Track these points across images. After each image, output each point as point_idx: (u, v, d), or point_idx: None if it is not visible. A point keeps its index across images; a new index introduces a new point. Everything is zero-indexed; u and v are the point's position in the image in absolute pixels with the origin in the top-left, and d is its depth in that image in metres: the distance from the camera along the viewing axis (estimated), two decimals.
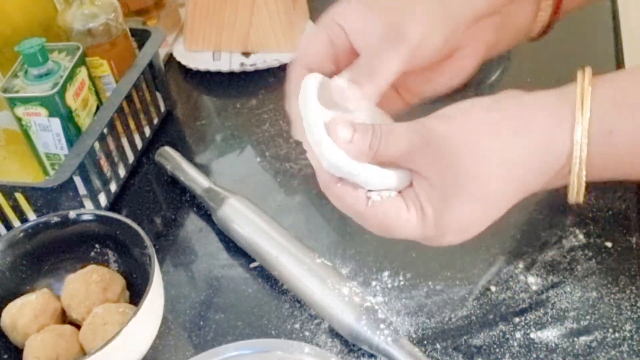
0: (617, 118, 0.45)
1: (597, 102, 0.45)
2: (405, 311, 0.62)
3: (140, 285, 0.65)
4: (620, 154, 0.46)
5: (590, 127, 0.45)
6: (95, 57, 0.79)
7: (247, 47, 0.95)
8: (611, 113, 0.45)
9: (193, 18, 0.94)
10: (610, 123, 0.45)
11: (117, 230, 0.66)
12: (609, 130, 0.45)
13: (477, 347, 0.59)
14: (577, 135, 0.45)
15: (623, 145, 0.45)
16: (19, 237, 0.66)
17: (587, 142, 0.45)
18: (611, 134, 0.45)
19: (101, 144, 0.75)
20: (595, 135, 0.45)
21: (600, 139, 0.45)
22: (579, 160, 0.46)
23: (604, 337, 0.58)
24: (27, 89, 0.72)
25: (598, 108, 0.45)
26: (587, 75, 0.46)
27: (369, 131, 0.48)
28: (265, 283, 0.67)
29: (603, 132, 0.45)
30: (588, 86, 0.45)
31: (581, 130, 0.45)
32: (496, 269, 0.64)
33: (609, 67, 0.83)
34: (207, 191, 0.74)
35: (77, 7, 0.78)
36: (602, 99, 0.45)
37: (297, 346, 0.57)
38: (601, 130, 0.45)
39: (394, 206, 0.49)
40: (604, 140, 0.45)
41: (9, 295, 0.65)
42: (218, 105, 0.91)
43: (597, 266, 0.63)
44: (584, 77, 0.46)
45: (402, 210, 0.49)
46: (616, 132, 0.45)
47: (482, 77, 0.85)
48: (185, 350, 0.63)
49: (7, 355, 0.64)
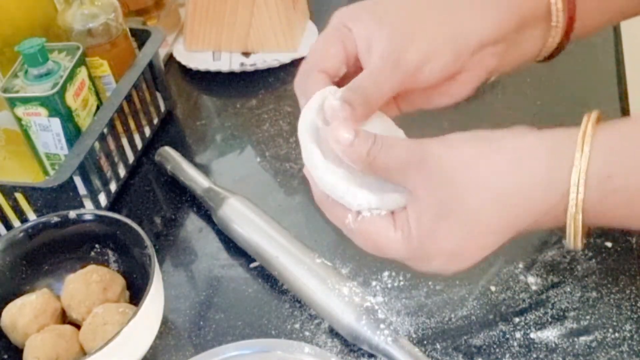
0: (617, 165, 0.44)
1: (598, 147, 0.44)
2: (405, 311, 0.62)
3: (140, 285, 0.65)
4: (618, 201, 0.45)
5: (589, 171, 0.44)
6: (95, 57, 0.79)
7: (247, 47, 0.95)
8: (611, 159, 0.44)
9: (193, 18, 0.94)
10: (610, 168, 0.44)
11: (117, 230, 0.66)
12: (608, 175, 0.44)
13: (477, 347, 0.59)
14: (575, 177, 0.44)
15: (621, 192, 0.44)
16: (19, 237, 0.66)
17: (585, 185, 0.44)
18: (610, 180, 0.44)
19: (101, 144, 0.75)
20: (593, 179, 0.44)
21: (598, 184, 0.44)
22: (575, 203, 0.45)
23: (604, 337, 0.58)
24: (27, 89, 0.72)
25: (598, 152, 0.44)
26: (592, 119, 0.45)
27: (370, 139, 0.48)
28: (265, 283, 0.67)
29: (602, 177, 0.44)
30: (591, 130, 0.45)
31: (579, 172, 0.44)
32: (496, 269, 0.64)
33: (609, 67, 0.83)
34: (207, 191, 0.74)
35: (77, 7, 0.78)
36: (604, 144, 0.44)
37: (297, 346, 0.57)
38: (599, 177, 0.44)
39: (382, 224, 0.49)
40: (602, 185, 0.44)
41: (9, 295, 0.65)
42: (218, 105, 0.91)
43: (597, 266, 0.63)
44: (588, 120, 0.45)
45: (389, 230, 0.49)
46: (615, 177, 0.44)
47: None
48: (185, 350, 0.63)
49: (7, 355, 0.64)
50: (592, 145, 0.44)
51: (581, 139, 0.44)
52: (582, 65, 0.84)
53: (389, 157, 0.48)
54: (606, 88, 0.80)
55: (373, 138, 0.48)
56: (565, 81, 0.82)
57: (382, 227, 0.49)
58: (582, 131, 0.45)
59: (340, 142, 0.48)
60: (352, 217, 0.50)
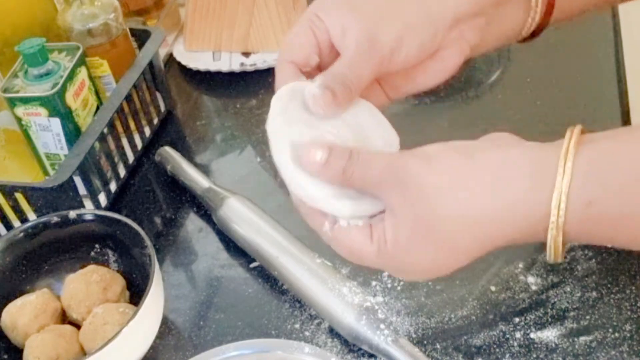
0: (599, 190, 0.43)
1: (580, 169, 0.43)
2: (405, 311, 0.62)
3: (140, 285, 0.65)
4: (599, 224, 0.44)
5: (570, 195, 0.43)
6: (95, 57, 0.79)
7: (247, 47, 0.95)
8: (592, 183, 0.43)
9: (193, 18, 0.94)
10: (591, 194, 0.43)
11: (117, 230, 0.66)
12: (588, 202, 0.43)
13: (477, 347, 0.59)
14: (555, 200, 0.43)
15: (602, 217, 0.43)
16: (19, 237, 0.66)
17: (565, 209, 0.43)
18: (590, 206, 0.43)
19: (101, 144, 0.75)
20: (574, 205, 0.43)
21: (579, 209, 0.43)
22: (555, 226, 0.44)
23: (604, 337, 0.58)
24: (27, 89, 0.72)
25: (580, 175, 0.43)
26: (575, 134, 0.44)
27: (346, 156, 0.47)
28: (265, 283, 0.67)
29: (582, 202, 0.43)
30: (573, 148, 0.43)
31: (560, 195, 0.43)
32: (496, 269, 0.64)
33: (609, 67, 0.83)
34: (207, 191, 0.74)
35: (77, 7, 0.78)
36: (586, 165, 0.43)
37: (297, 346, 0.57)
38: (580, 200, 0.43)
39: (358, 235, 0.49)
40: (582, 210, 0.43)
41: (9, 295, 0.65)
42: (218, 105, 0.91)
43: (597, 266, 0.63)
44: (571, 136, 0.44)
45: (365, 240, 0.49)
46: (595, 204, 0.43)
47: (482, 77, 0.85)
48: (185, 350, 0.63)
49: (7, 355, 0.64)
50: (574, 166, 0.43)
51: (563, 158, 0.43)
52: (582, 65, 0.84)
53: (365, 175, 0.47)
54: (606, 88, 0.80)
55: (349, 154, 0.47)
56: (565, 81, 0.82)
57: (359, 238, 0.49)
58: (564, 149, 0.44)
59: (314, 163, 0.47)
60: (329, 224, 0.50)
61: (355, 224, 0.49)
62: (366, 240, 0.49)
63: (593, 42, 0.87)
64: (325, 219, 0.50)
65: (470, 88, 0.84)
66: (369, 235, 0.49)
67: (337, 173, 0.47)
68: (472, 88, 0.84)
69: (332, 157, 0.47)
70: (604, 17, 0.89)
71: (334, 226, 0.49)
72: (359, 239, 0.49)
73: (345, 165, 0.47)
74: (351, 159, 0.47)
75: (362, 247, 0.49)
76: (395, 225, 0.47)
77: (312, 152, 0.47)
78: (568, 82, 0.82)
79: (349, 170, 0.47)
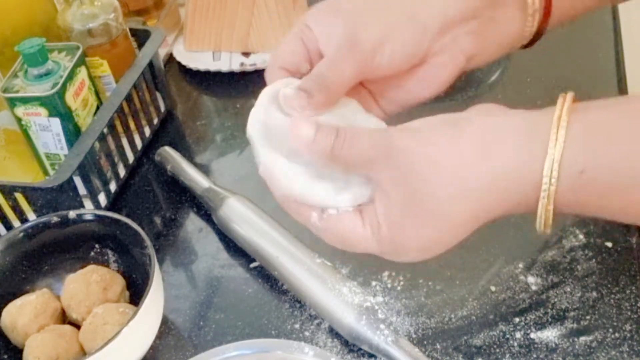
0: (590, 159, 0.43)
1: (572, 136, 0.43)
2: (405, 311, 0.62)
3: (140, 285, 0.65)
4: (591, 194, 0.44)
5: (562, 162, 0.43)
6: (95, 57, 0.79)
7: (247, 47, 0.95)
8: (585, 152, 0.43)
9: (193, 18, 0.95)
10: (583, 163, 0.43)
11: (117, 230, 0.66)
12: (580, 171, 0.43)
13: (477, 347, 0.59)
14: (547, 168, 0.43)
15: (594, 186, 0.43)
16: (19, 237, 0.66)
17: (557, 177, 0.43)
18: (582, 175, 0.43)
19: (101, 144, 0.75)
20: (566, 173, 0.43)
21: (570, 179, 0.43)
22: (547, 194, 0.43)
23: (604, 337, 0.58)
24: (27, 89, 0.72)
25: (572, 143, 0.43)
26: (567, 101, 0.44)
27: (333, 133, 0.46)
28: (265, 283, 0.67)
29: (574, 171, 0.43)
30: (566, 116, 0.43)
31: (552, 162, 0.43)
32: (496, 269, 0.64)
33: (609, 67, 0.83)
34: (207, 191, 0.74)
35: (77, 7, 0.78)
36: (577, 136, 0.43)
37: (297, 346, 0.57)
38: (572, 169, 0.43)
39: (350, 221, 0.48)
40: (574, 178, 0.43)
41: (9, 295, 0.65)
42: (218, 105, 0.91)
43: (597, 266, 0.63)
44: (564, 103, 0.44)
45: (357, 226, 0.48)
46: (587, 173, 0.43)
47: (482, 77, 0.86)
48: (185, 350, 0.63)
49: (7, 355, 0.64)
50: (567, 134, 0.42)
51: (555, 125, 0.43)
52: (582, 64, 0.84)
53: (353, 152, 0.46)
54: (606, 87, 0.80)
55: (335, 132, 0.46)
56: (565, 81, 0.82)
57: (350, 224, 0.48)
58: (556, 116, 0.43)
59: (301, 139, 0.46)
60: (317, 215, 0.49)
61: (346, 210, 0.48)
62: (357, 225, 0.48)
63: (593, 42, 0.87)
64: (312, 210, 0.49)
65: (470, 88, 0.84)
66: (361, 220, 0.48)
67: (325, 151, 0.46)
68: (472, 88, 0.84)
69: (319, 134, 0.46)
70: (604, 17, 0.89)
71: (322, 216, 0.48)
72: (351, 225, 0.48)
73: (332, 143, 0.46)
74: (338, 136, 0.46)
75: (354, 233, 0.48)
76: (386, 205, 0.46)
77: (301, 127, 0.47)
78: (568, 82, 0.82)
79: (335, 148, 0.46)
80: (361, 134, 0.47)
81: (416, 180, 0.45)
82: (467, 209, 0.46)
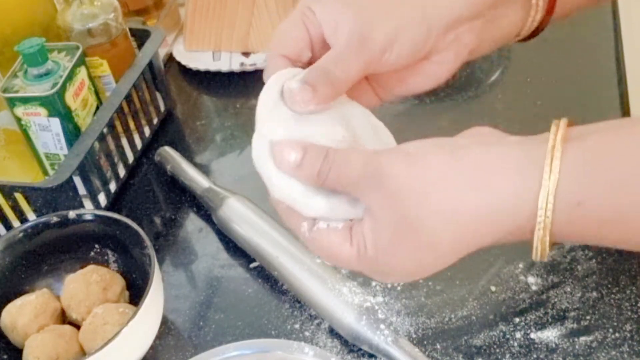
0: (587, 190, 0.41)
1: (566, 169, 0.41)
2: (405, 311, 0.62)
3: (140, 285, 0.65)
4: (587, 225, 0.42)
5: (557, 195, 0.41)
6: (95, 57, 0.79)
7: (247, 47, 0.95)
8: (580, 183, 0.41)
9: (193, 18, 0.94)
10: (579, 195, 0.41)
11: (117, 230, 0.66)
12: (577, 203, 0.41)
13: (477, 347, 0.59)
14: (542, 200, 0.41)
15: (590, 218, 0.42)
16: (19, 237, 0.66)
17: (552, 210, 0.41)
18: (578, 207, 0.41)
19: (101, 144, 0.75)
20: (561, 205, 0.41)
21: (566, 210, 0.41)
22: (542, 226, 0.42)
23: (604, 337, 0.58)
24: (27, 89, 0.72)
25: (566, 176, 0.41)
26: (561, 128, 0.42)
27: (321, 156, 0.45)
28: (265, 283, 0.67)
29: (570, 203, 0.41)
30: (560, 145, 0.41)
31: (547, 195, 0.41)
32: (496, 269, 0.64)
33: (609, 67, 0.83)
34: (207, 191, 0.74)
35: (77, 7, 0.78)
36: (572, 166, 0.41)
37: (297, 346, 0.57)
38: (568, 201, 0.41)
39: (338, 238, 0.47)
40: (570, 210, 0.41)
41: (9, 295, 0.65)
42: (218, 105, 0.91)
43: (597, 266, 0.63)
44: (557, 131, 0.42)
45: (344, 244, 0.47)
46: (584, 204, 0.41)
47: (482, 77, 0.85)
48: (185, 350, 0.63)
49: (7, 355, 0.64)
50: (562, 165, 0.41)
51: (549, 155, 0.41)
52: (582, 65, 0.84)
53: (341, 176, 0.45)
54: (606, 88, 0.80)
55: (324, 154, 0.45)
56: (565, 81, 0.82)
57: (337, 241, 0.47)
58: (549, 146, 0.42)
59: (287, 164, 0.46)
60: (308, 225, 0.48)
61: (335, 226, 0.47)
62: (345, 244, 0.47)
63: (593, 42, 0.87)
64: (304, 220, 0.48)
65: (470, 88, 0.84)
66: (349, 239, 0.47)
67: (312, 174, 0.46)
68: (472, 88, 0.84)
69: (306, 158, 0.45)
70: (604, 17, 0.89)
71: (312, 227, 0.48)
72: (338, 241, 0.47)
73: (320, 167, 0.45)
74: (326, 159, 0.45)
75: (341, 251, 0.47)
76: (374, 230, 0.45)
77: (286, 152, 0.46)
78: (568, 82, 0.82)
79: (324, 171, 0.45)
80: (350, 157, 0.46)
81: (405, 207, 0.44)
82: (456, 239, 0.44)
